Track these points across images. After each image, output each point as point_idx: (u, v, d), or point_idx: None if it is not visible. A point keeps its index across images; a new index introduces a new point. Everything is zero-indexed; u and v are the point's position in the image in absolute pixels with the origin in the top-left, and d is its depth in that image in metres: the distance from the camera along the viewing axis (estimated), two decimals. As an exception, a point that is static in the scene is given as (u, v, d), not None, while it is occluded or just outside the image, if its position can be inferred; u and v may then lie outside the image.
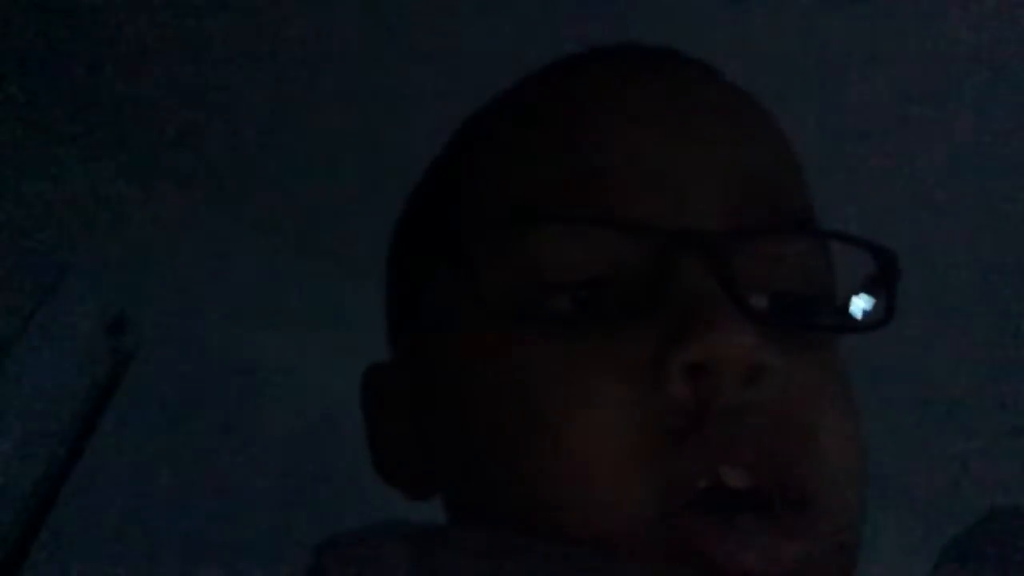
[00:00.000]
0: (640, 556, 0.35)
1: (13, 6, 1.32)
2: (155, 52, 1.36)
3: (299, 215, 1.57)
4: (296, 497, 1.41)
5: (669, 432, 0.36)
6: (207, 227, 1.57)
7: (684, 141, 0.41)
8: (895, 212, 1.36)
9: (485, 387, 0.40)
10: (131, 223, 1.53)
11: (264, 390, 1.50)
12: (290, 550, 0.36)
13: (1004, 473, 1.66)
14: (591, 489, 0.36)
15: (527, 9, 1.21)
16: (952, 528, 0.41)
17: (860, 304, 0.42)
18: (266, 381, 1.50)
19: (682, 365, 0.37)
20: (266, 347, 1.51)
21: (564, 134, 0.42)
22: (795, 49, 1.21)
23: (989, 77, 1.22)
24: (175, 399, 1.45)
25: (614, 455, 0.36)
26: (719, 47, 0.50)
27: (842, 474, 0.38)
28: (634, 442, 0.36)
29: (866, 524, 0.40)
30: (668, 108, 0.43)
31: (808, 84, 1.24)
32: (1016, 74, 1.21)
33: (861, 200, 1.32)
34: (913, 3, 1.16)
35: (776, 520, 0.36)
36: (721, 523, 0.35)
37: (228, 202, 1.57)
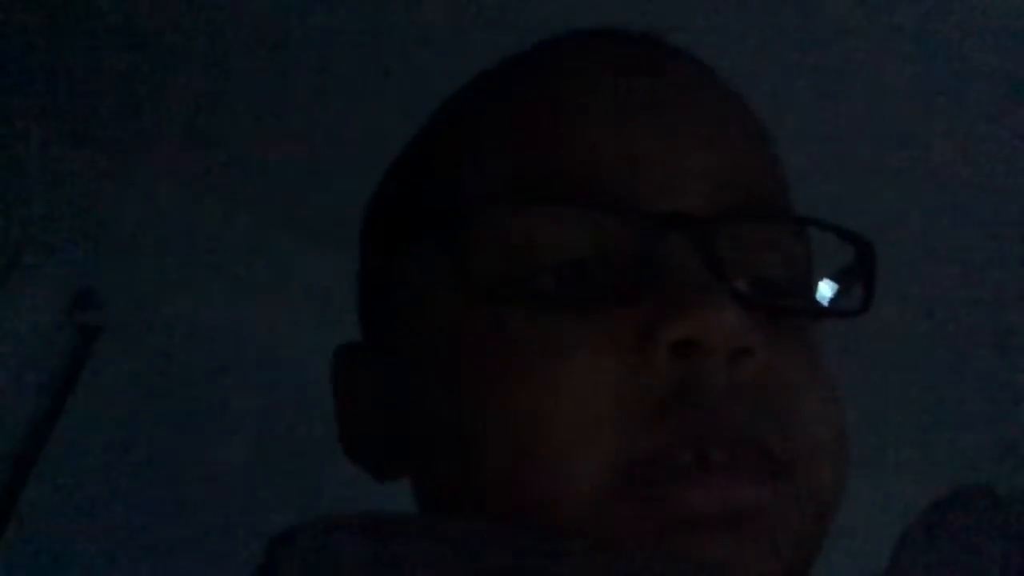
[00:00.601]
0: (614, 530, 0.35)
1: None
2: (115, 27, 1.34)
3: (270, 188, 1.55)
4: (268, 473, 1.40)
5: (653, 406, 0.37)
6: (176, 202, 1.56)
7: (669, 129, 0.42)
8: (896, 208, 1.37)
9: (464, 363, 0.40)
10: (98, 199, 1.51)
11: (235, 365, 1.49)
12: (263, 528, 0.35)
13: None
14: (571, 463, 0.36)
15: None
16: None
17: (831, 291, 0.44)
18: (237, 356, 1.50)
19: (670, 340, 0.37)
20: (237, 322, 1.51)
21: (551, 119, 0.42)
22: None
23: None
24: (145, 375, 1.45)
25: (596, 428, 0.36)
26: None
27: (822, 450, 0.39)
28: (617, 415, 0.36)
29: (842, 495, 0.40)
30: (654, 96, 0.43)
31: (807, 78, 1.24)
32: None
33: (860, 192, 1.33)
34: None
35: (742, 473, 0.37)
36: (688, 474, 0.36)
37: (197, 176, 1.56)
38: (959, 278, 1.52)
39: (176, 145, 1.53)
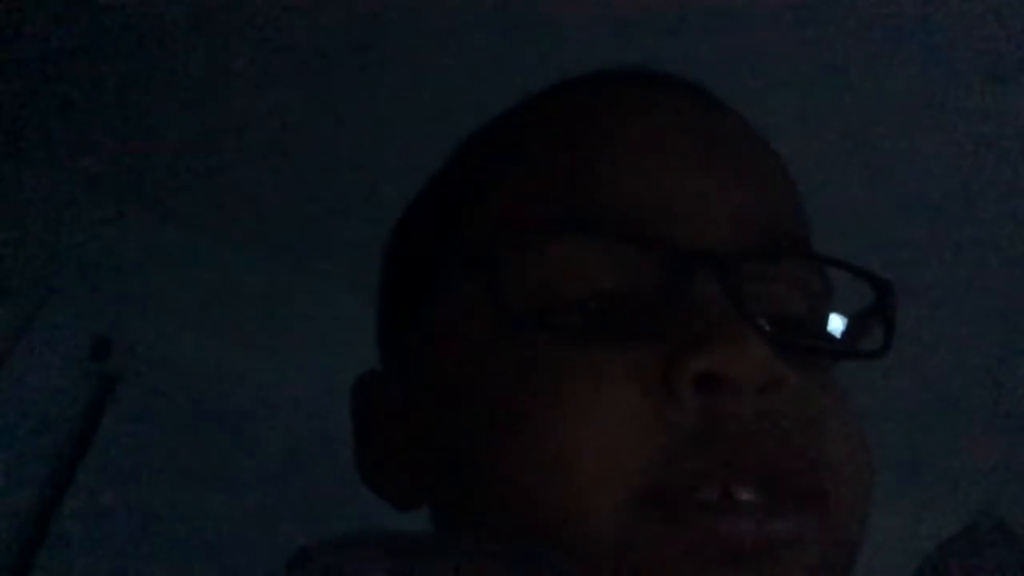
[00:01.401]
0: (640, 560, 0.36)
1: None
2: (132, 79, 1.36)
3: (286, 232, 1.56)
4: (288, 514, 1.40)
5: (679, 440, 0.36)
6: (191, 249, 1.57)
7: (696, 167, 0.42)
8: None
9: (493, 391, 0.40)
10: (114, 248, 1.52)
11: (253, 408, 1.50)
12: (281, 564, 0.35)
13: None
14: (596, 492, 0.36)
15: (519, 33, 1.21)
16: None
17: (843, 328, 0.44)
18: (255, 401, 1.50)
19: (696, 372, 0.37)
20: (254, 365, 1.51)
21: (582, 155, 0.43)
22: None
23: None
24: (162, 422, 1.45)
25: (622, 460, 0.36)
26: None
27: (851, 484, 0.39)
28: (643, 448, 0.36)
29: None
30: (682, 135, 0.44)
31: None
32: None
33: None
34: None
35: (775, 506, 0.36)
36: (716, 507, 0.36)
37: (212, 221, 1.57)
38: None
39: (194, 192, 1.54)
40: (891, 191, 1.37)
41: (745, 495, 0.36)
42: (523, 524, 0.37)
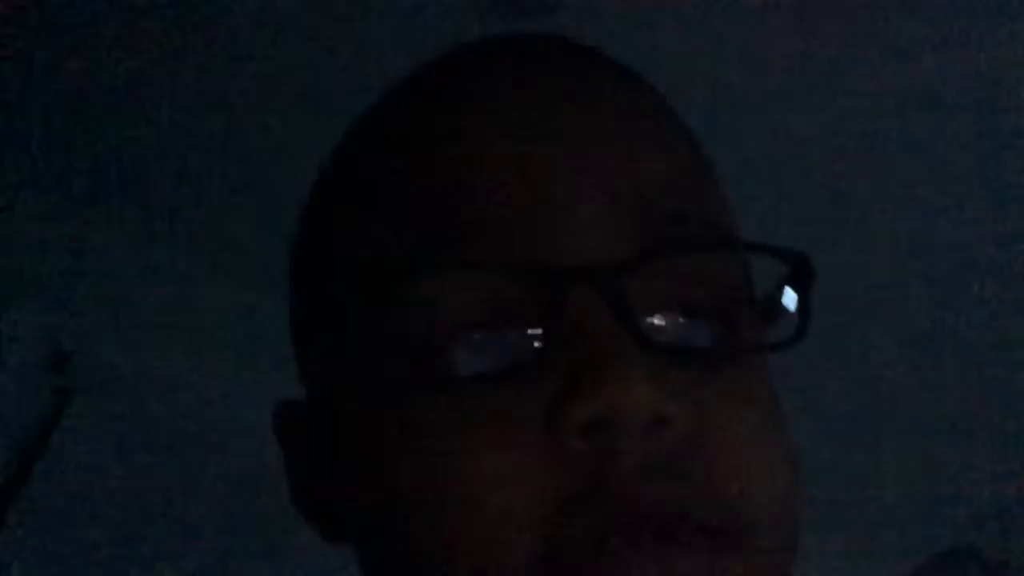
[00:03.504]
0: None
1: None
2: (88, 83, 1.35)
3: (247, 251, 1.55)
4: (244, 534, 1.39)
5: (568, 495, 0.34)
6: (152, 264, 1.56)
7: (571, 164, 0.38)
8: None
9: (376, 451, 0.37)
10: (74, 261, 1.51)
11: (212, 425, 1.48)
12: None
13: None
14: (489, 558, 0.34)
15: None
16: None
17: (777, 312, 0.40)
18: (214, 417, 1.49)
19: (577, 423, 0.34)
20: (214, 383, 1.50)
21: (436, 169, 0.39)
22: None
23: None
24: (120, 435, 1.44)
25: (510, 525, 0.34)
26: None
27: (769, 501, 0.36)
28: (531, 509, 0.34)
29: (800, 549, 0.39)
30: (552, 128, 0.39)
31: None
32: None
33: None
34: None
35: (684, 543, 0.34)
36: (619, 554, 0.34)
37: (168, 237, 1.56)
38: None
39: (157, 207, 1.53)
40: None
41: (647, 534, 0.34)
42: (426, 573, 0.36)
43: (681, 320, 0.38)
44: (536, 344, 0.36)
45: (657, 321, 0.37)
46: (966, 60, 1.22)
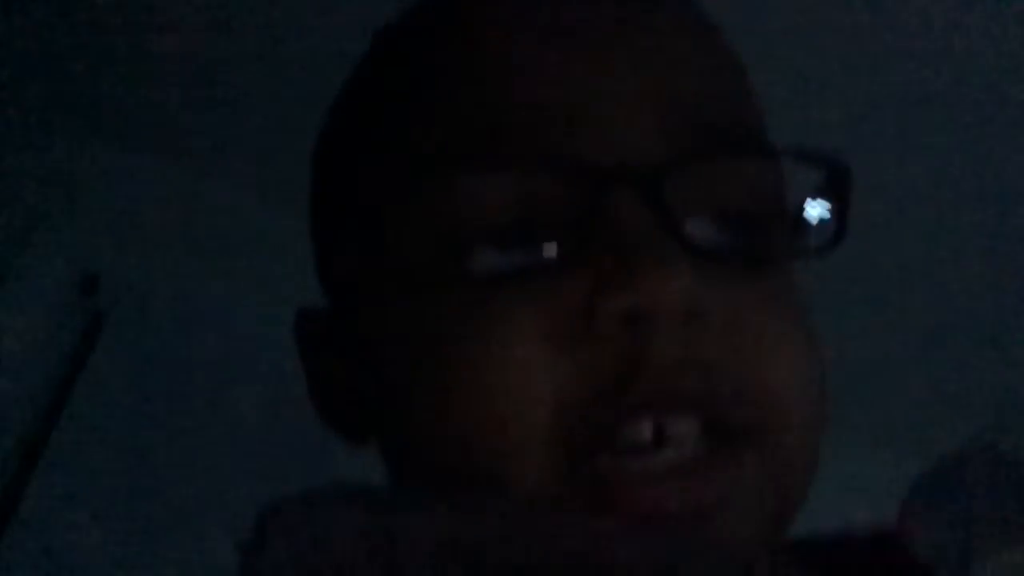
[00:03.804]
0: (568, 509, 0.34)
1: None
2: (120, 16, 1.34)
3: (278, 172, 1.55)
4: (277, 451, 1.41)
5: (602, 384, 0.34)
6: (179, 184, 1.56)
7: (609, 64, 0.38)
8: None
9: (407, 346, 0.38)
10: (101, 183, 1.51)
11: (243, 343, 1.50)
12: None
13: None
14: (517, 454, 0.35)
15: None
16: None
17: (810, 222, 0.40)
18: (245, 335, 1.50)
19: (615, 312, 0.34)
20: (242, 305, 1.51)
21: (472, 65, 0.39)
22: None
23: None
24: (153, 357, 1.45)
25: (540, 415, 0.34)
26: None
27: (792, 412, 0.37)
28: (562, 398, 0.34)
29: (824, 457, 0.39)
30: (589, 27, 0.39)
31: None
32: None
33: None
34: None
35: (709, 456, 0.35)
36: (638, 465, 0.34)
37: (203, 160, 1.56)
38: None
39: (187, 128, 1.52)
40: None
41: (680, 428, 0.35)
42: (454, 474, 0.36)
43: (716, 224, 0.38)
44: (574, 240, 0.36)
45: (693, 224, 0.37)
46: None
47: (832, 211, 0.39)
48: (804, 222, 0.40)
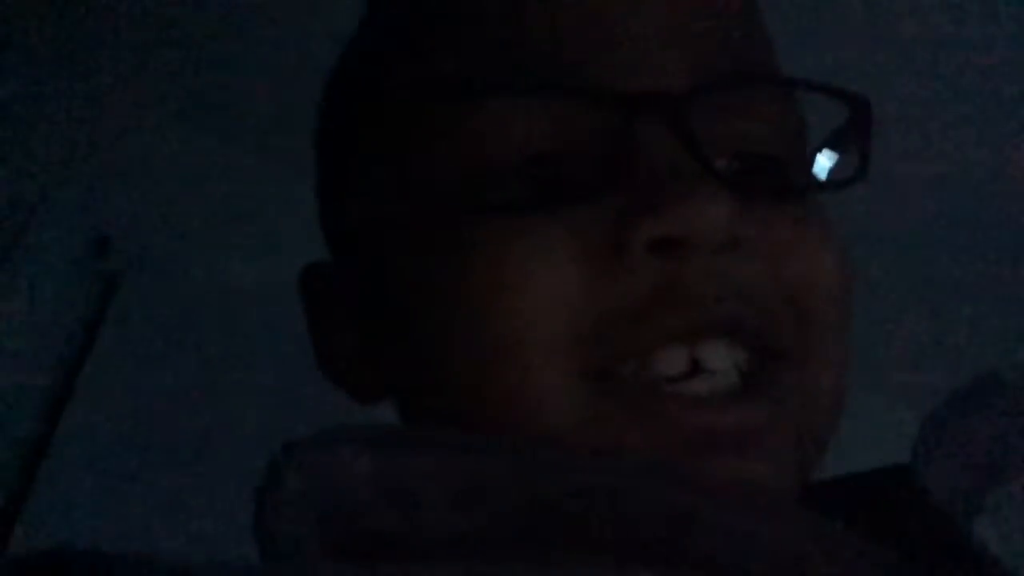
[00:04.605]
0: (595, 443, 0.34)
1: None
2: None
3: (288, 133, 1.54)
4: (295, 412, 1.42)
5: (633, 310, 0.34)
6: (193, 147, 1.56)
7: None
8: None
9: (431, 282, 0.37)
10: (113, 145, 1.51)
11: (256, 306, 1.50)
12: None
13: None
14: (543, 380, 0.34)
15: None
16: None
17: (829, 158, 0.40)
18: (259, 296, 1.50)
19: (649, 239, 0.34)
20: (257, 265, 1.51)
21: (495, 3, 0.38)
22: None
23: None
24: (167, 319, 1.45)
25: (569, 337, 0.34)
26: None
27: (824, 332, 0.37)
28: (592, 321, 0.34)
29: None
30: None
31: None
32: None
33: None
34: None
35: (748, 380, 0.35)
36: (679, 388, 0.34)
37: (213, 120, 1.55)
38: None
39: (196, 91, 1.52)
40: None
41: (717, 354, 0.35)
42: (480, 414, 0.35)
43: (741, 156, 0.38)
44: (603, 168, 0.35)
45: (719, 154, 0.37)
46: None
47: (853, 147, 0.39)
48: (825, 158, 0.40)
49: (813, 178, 0.40)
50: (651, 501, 0.31)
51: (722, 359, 0.35)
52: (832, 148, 0.40)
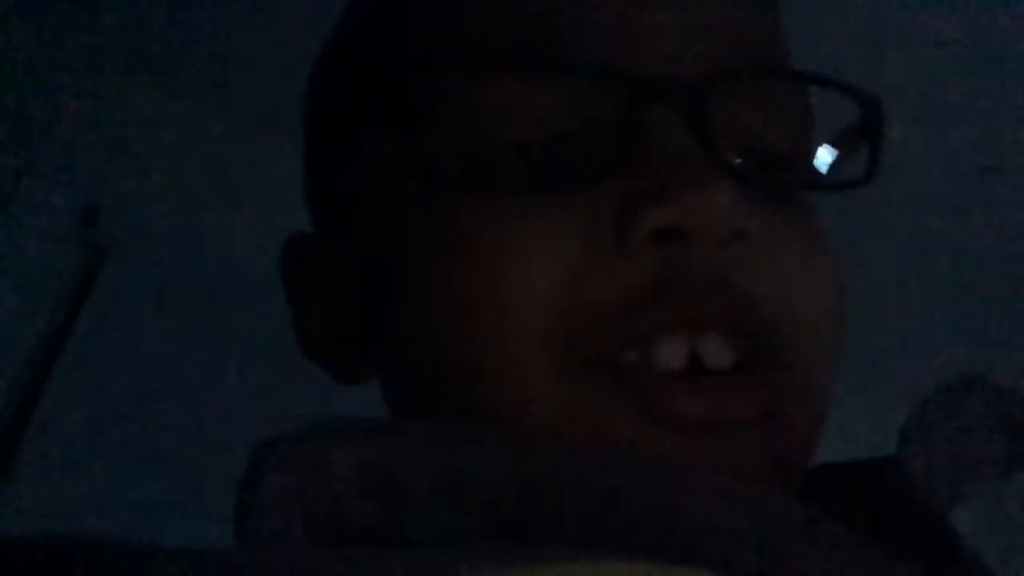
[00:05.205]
0: (590, 432, 0.33)
1: None
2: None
3: (278, 102, 1.53)
4: (279, 382, 1.42)
5: (633, 299, 0.33)
6: (177, 116, 1.55)
7: None
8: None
9: (426, 260, 0.36)
10: (100, 115, 1.50)
11: (242, 277, 1.49)
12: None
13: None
14: (533, 362, 0.33)
15: None
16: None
17: (836, 158, 0.40)
18: (247, 267, 1.50)
19: (652, 228, 0.33)
20: (244, 236, 1.50)
21: None
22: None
23: None
24: (155, 290, 1.45)
25: (565, 324, 0.33)
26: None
27: (823, 330, 0.36)
28: (590, 308, 0.33)
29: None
30: None
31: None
32: None
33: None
34: None
35: (743, 375, 0.34)
36: (676, 377, 0.33)
37: (201, 90, 1.54)
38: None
39: (184, 59, 1.51)
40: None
41: (713, 357, 0.34)
42: (472, 395, 0.35)
43: (751, 150, 0.37)
44: (610, 152, 0.35)
45: (730, 147, 0.36)
46: None
47: (864, 146, 0.39)
48: (835, 157, 0.40)
49: (821, 177, 0.40)
50: (640, 492, 0.31)
51: (719, 353, 0.34)
52: (839, 147, 0.40)
